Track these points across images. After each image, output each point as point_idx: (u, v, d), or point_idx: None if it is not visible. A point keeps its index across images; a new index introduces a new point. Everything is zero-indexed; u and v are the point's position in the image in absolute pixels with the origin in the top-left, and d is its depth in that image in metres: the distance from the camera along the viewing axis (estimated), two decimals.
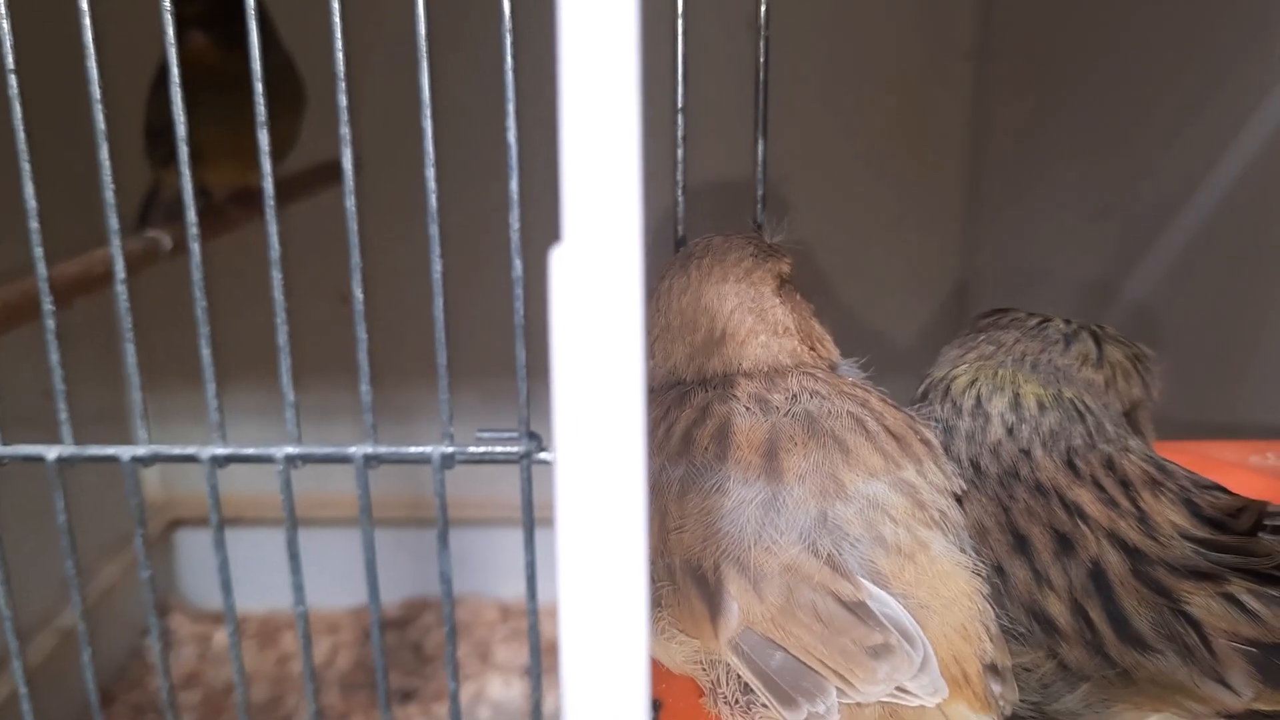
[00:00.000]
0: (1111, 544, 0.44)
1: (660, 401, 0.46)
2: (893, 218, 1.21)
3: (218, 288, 0.43)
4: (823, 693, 0.38)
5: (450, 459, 0.42)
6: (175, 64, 0.41)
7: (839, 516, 0.40)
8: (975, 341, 0.53)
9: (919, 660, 0.38)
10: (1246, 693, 0.40)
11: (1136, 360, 0.52)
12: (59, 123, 0.71)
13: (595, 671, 0.27)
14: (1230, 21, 0.73)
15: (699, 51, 0.55)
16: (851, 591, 0.39)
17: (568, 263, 0.26)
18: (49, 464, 0.44)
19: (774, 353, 0.47)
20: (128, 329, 0.44)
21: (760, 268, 0.49)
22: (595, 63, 0.25)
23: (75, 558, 0.45)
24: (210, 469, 0.44)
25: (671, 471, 0.43)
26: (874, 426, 0.43)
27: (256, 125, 0.41)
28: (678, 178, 0.55)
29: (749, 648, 0.39)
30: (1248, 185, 0.71)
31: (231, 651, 0.45)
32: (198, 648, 1.22)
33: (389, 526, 1.06)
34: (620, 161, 0.25)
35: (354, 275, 0.41)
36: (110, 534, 1.16)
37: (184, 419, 0.95)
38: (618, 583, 0.27)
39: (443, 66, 0.42)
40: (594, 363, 0.26)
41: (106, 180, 0.42)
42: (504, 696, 1.14)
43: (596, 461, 0.26)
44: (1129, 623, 0.42)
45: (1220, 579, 0.42)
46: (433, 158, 0.40)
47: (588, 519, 0.27)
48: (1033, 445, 0.48)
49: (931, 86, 1.18)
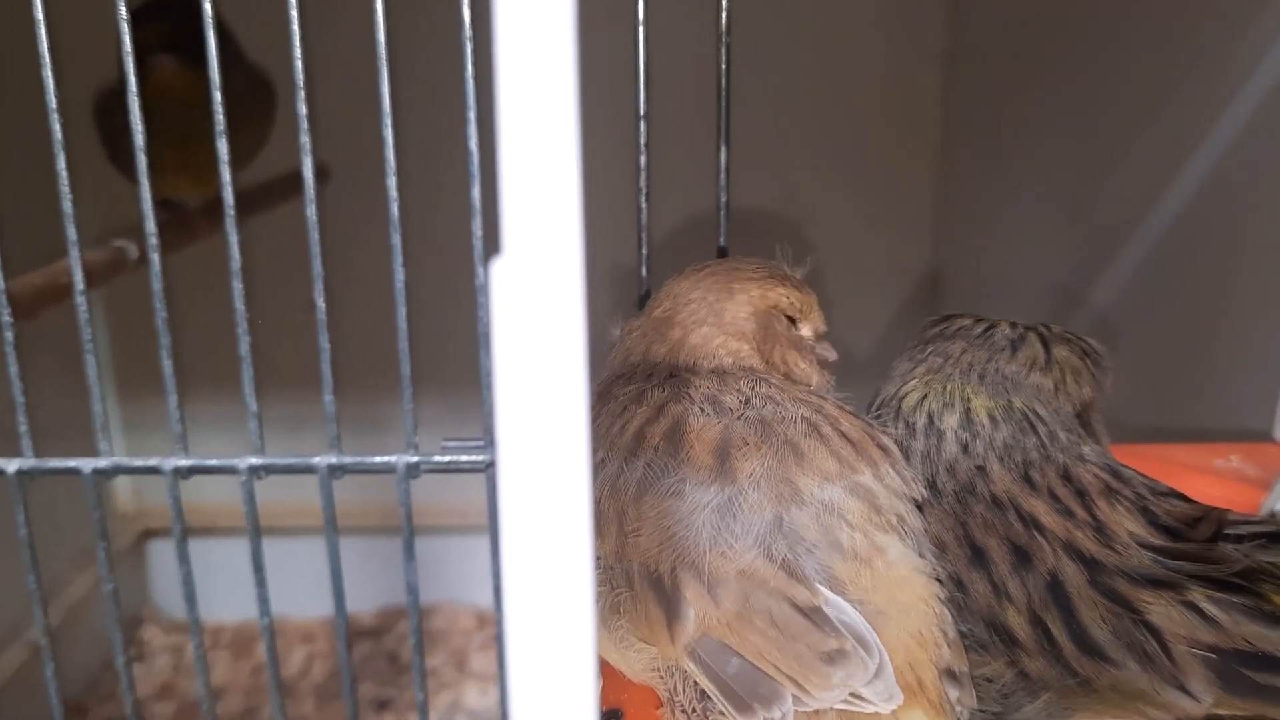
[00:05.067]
0: (1069, 555, 0.44)
1: (616, 398, 0.46)
2: (863, 219, 1.21)
3: (186, 298, 0.43)
4: (779, 699, 0.38)
5: (415, 468, 0.41)
6: (133, 78, 0.41)
7: (795, 521, 0.40)
8: (923, 354, 0.53)
9: (874, 667, 0.38)
10: (1206, 699, 0.40)
11: (1085, 356, 0.52)
12: (23, 130, 0.70)
13: (541, 677, 0.27)
14: (1196, 29, 0.74)
15: (661, 61, 0.55)
16: (807, 597, 0.39)
17: (507, 275, 0.26)
18: (9, 477, 0.44)
19: (714, 346, 0.48)
20: (88, 340, 0.43)
21: (753, 283, 0.49)
22: (532, 77, 0.25)
23: (38, 571, 0.44)
24: (173, 481, 0.43)
25: (629, 473, 0.43)
26: (828, 431, 0.43)
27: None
28: (641, 184, 0.55)
29: (705, 654, 0.39)
30: (1211, 191, 0.72)
31: (196, 665, 0.45)
32: (172, 658, 1.21)
33: (363, 535, 1.06)
34: (559, 175, 0.25)
35: (316, 284, 0.41)
36: (82, 545, 1.15)
37: (155, 430, 0.95)
38: (563, 589, 0.27)
39: (405, 74, 0.42)
40: (534, 372, 0.26)
41: (64, 190, 0.42)
42: (480, 705, 1.14)
43: (537, 469, 0.26)
44: (1088, 633, 0.42)
45: (1179, 586, 0.42)
46: (394, 166, 0.40)
47: (530, 529, 0.27)
48: (988, 460, 0.48)
49: (903, 90, 1.18)
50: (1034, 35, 1.00)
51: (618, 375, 0.49)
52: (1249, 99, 0.67)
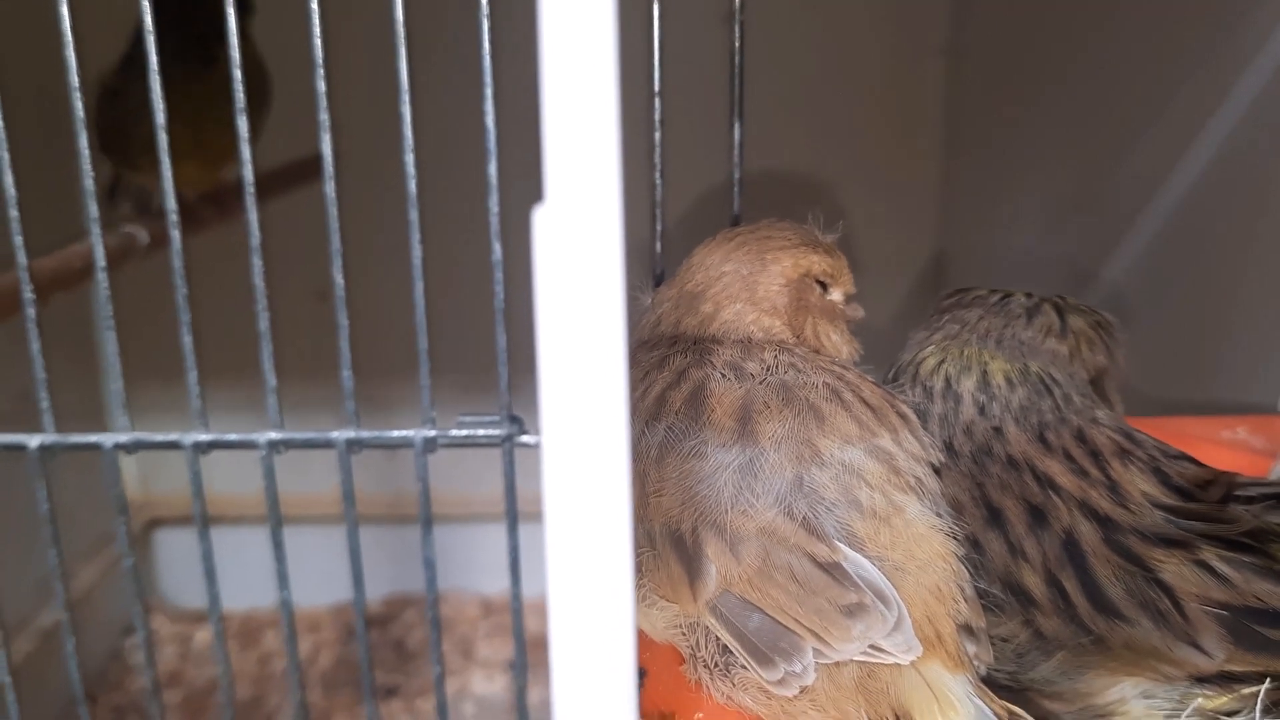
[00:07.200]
0: (1083, 514, 0.45)
1: (640, 364, 0.47)
2: (867, 210, 1.22)
3: (191, 285, 0.43)
4: (799, 652, 0.39)
5: (433, 442, 0.42)
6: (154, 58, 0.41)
7: (815, 481, 0.41)
8: (940, 322, 0.54)
9: (893, 620, 0.39)
10: (1219, 655, 0.40)
11: (1099, 327, 0.53)
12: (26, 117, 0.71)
13: (584, 649, 0.28)
14: (1199, 15, 0.75)
15: (674, 41, 0.55)
16: (827, 553, 0.40)
17: (550, 221, 0.26)
18: (31, 452, 0.44)
19: (746, 323, 0.48)
20: (108, 317, 0.43)
21: (786, 252, 0.49)
22: (574, 27, 0.25)
23: (59, 547, 0.44)
24: (193, 455, 0.43)
25: (650, 436, 0.43)
26: (849, 397, 0.44)
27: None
28: (655, 161, 0.56)
29: (727, 610, 0.40)
30: (1215, 170, 0.73)
31: (215, 642, 0.45)
32: (178, 647, 1.21)
33: (368, 524, 1.05)
34: (599, 122, 0.26)
35: (334, 261, 0.41)
36: (88, 536, 1.15)
37: (156, 415, 0.95)
38: (604, 555, 0.28)
39: (421, 51, 0.43)
40: (577, 315, 0.26)
41: (86, 169, 0.42)
42: (487, 691, 1.15)
43: (581, 421, 0.27)
44: (1102, 591, 0.42)
45: (1191, 545, 0.43)
46: (411, 143, 0.40)
47: (573, 481, 0.27)
48: (1004, 421, 0.49)
49: (907, 80, 1.19)
50: (1038, 25, 1.01)
51: (642, 342, 0.49)
52: (1256, 78, 0.68)
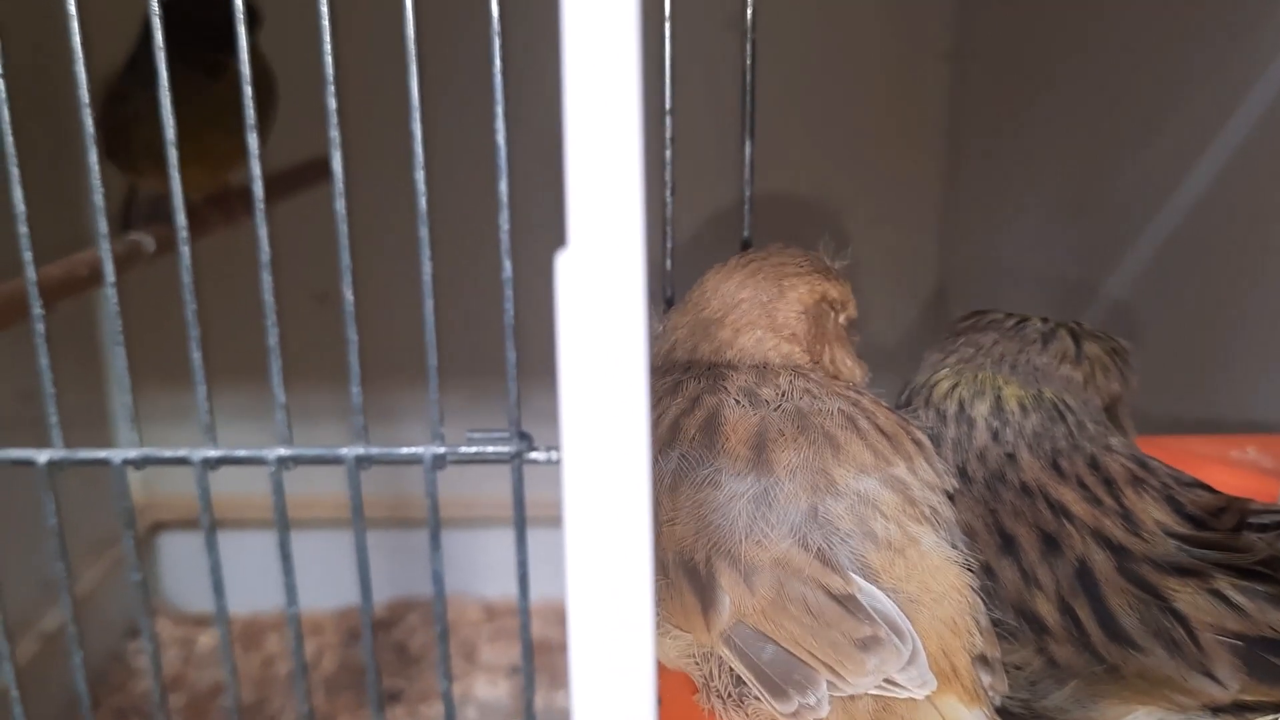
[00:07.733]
0: (1097, 542, 0.45)
1: (654, 390, 0.47)
2: (871, 217, 1.22)
3: (197, 292, 0.43)
4: (813, 685, 0.39)
5: (442, 459, 0.42)
6: (164, 68, 0.41)
7: (829, 511, 0.41)
8: (954, 345, 0.54)
9: (907, 653, 0.39)
10: (1233, 685, 0.40)
11: (1114, 354, 0.53)
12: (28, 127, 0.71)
13: (603, 668, 0.28)
14: (1205, 22, 0.75)
15: (681, 55, 0.55)
16: (841, 585, 0.39)
17: (573, 267, 0.26)
18: (39, 468, 0.44)
19: (765, 350, 0.48)
20: (117, 331, 0.43)
21: (801, 279, 0.49)
22: (597, 76, 0.25)
23: (66, 560, 0.45)
24: (201, 471, 0.44)
25: (663, 464, 0.43)
26: (865, 425, 0.44)
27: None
28: (666, 178, 0.55)
29: (741, 641, 0.40)
30: (1223, 182, 0.73)
31: (221, 649, 0.45)
32: (181, 651, 1.21)
33: (371, 528, 1.05)
34: (622, 169, 0.26)
35: (344, 277, 0.41)
36: (90, 538, 1.15)
37: (161, 423, 0.95)
38: (624, 582, 0.28)
39: (432, 66, 0.42)
40: (599, 365, 0.26)
41: (95, 184, 0.42)
42: (490, 696, 1.15)
43: (601, 461, 0.27)
44: (1116, 620, 0.42)
45: (1205, 574, 0.43)
46: (421, 160, 0.40)
47: (593, 523, 0.27)
48: (1018, 447, 0.49)
49: (909, 87, 1.19)
50: (1040, 33, 1.00)
51: (655, 369, 0.49)
52: (1265, 89, 0.68)
